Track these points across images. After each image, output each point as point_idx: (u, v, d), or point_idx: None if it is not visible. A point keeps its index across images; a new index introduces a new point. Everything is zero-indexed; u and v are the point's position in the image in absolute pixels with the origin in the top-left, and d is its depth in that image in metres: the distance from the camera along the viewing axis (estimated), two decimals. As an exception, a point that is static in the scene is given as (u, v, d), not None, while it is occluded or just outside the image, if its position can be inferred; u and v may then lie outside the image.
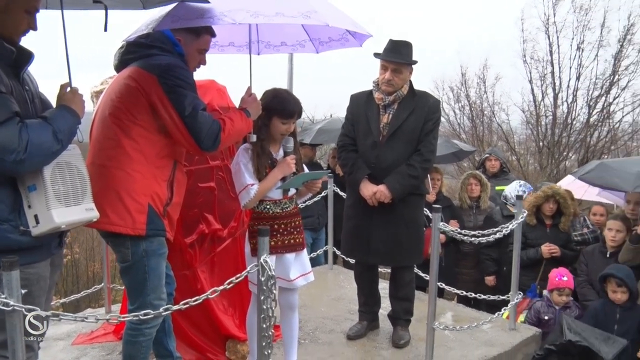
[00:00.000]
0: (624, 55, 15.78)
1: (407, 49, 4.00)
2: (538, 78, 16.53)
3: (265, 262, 2.74)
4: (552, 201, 5.66)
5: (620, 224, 5.26)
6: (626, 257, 5.05)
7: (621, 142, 16.56)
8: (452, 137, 15.92)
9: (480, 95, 17.91)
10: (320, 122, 8.54)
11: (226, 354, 3.97)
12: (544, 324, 5.02)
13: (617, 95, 16.07)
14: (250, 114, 3.27)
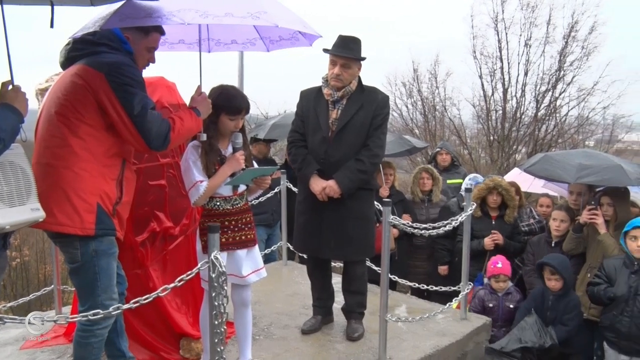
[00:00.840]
0: (569, 52, 16.28)
1: (355, 45, 4.04)
2: (488, 73, 16.90)
3: (215, 259, 2.75)
4: (495, 193, 5.81)
5: (565, 214, 5.44)
6: (569, 246, 5.23)
7: (568, 135, 17.04)
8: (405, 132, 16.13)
9: (432, 91, 18.19)
10: (274, 118, 8.55)
11: (180, 352, 3.95)
12: (489, 311, 5.17)
13: (563, 90, 16.58)
14: (201, 112, 3.27)
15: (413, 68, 18.24)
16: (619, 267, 4.63)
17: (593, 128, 17.77)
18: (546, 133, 16.68)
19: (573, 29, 16.15)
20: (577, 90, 16.62)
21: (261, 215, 6.85)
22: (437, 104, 18.09)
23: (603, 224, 5.07)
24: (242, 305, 3.60)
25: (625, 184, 5.18)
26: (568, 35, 16.19)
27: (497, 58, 16.69)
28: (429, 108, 18.10)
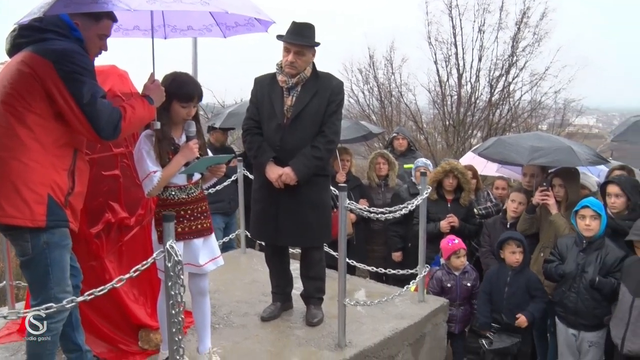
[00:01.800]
0: (521, 38, 16.53)
1: (309, 31, 4.03)
2: (443, 59, 17.00)
3: (171, 248, 2.73)
4: (451, 176, 5.89)
5: (523, 197, 5.55)
6: (523, 226, 5.35)
7: (521, 120, 17.35)
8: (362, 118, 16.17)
9: (388, 77, 18.22)
10: (230, 106, 8.48)
11: (139, 343, 3.91)
12: (447, 291, 5.26)
13: (515, 75, 16.81)
14: (153, 100, 3.21)
15: (369, 54, 18.28)
16: (570, 246, 4.77)
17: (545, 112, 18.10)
18: (500, 117, 16.94)
19: (525, 15, 16.39)
20: (530, 75, 16.90)
21: (218, 204, 6.82)
22: (393, 89, 18.13)
23: (554, 205, 5.20)
24: (199, 294, 3.59)
25: (575, 165, 5.32)
26: (520, 22, 16.42)
27: (452, 44, 16.83)
28: (385, 94, 18.15)
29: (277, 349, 4.00)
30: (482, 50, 16.66)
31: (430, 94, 17.51)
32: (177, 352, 2.93)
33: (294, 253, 4.85)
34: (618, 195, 4.91)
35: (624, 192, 4.89)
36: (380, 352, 4.14)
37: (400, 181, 6.82)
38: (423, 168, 6.31)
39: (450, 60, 16.90)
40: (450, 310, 5.14)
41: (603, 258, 4.58)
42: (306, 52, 4.02)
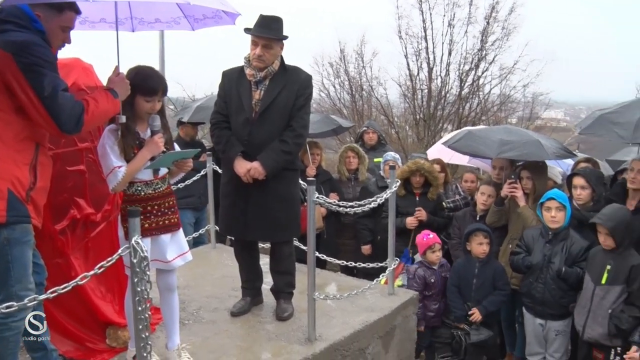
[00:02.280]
0: (490, 32, 16.73)
1: (277, 24, 4.00)
2: (413, 53, 17.14)
3: (136, 244, 2.69)
4: (418, 174, 5.92)
5: (492, 189, 5.62)
6: (492, 218, 5.42)
7: (491, 113, 17.57)
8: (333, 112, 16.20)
9: (359, 71, 18.29)
10: (199, 100, 8.40)
11: (107, 341, 3.86)
12: (431, 286, 5.30)
13: (485, 69, 17.07)
14: (118, 94, 3.16)
15: (340, 48, 18.29)
16: (536, 237, 4.85)
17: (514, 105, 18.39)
18: (470, 111, 17.15)
19: (494, 9, 16.62)
20: (499, 69, 17.17)
21: (188, 199, 6.77)
22: (364, 83, 18.23)
23: (522, 197, 5.27)
24: (167, 290, 3.55)
25: (544, 158, 5.39)
26: (489, 16, 16.64)
27: (422, 38, 16.97)
28: (356, 88, 18.22)
29: (247, 343, 3.98)
30: (452, 44, 16.85)
31: (400, 88, 17.65)
32: (144, 349, 2.89)
33: (264, 247, 4.83)
34: (583, 187, 5.00)
35: (589, 184, 4.98)
36: (351, 345, 4.15)
37: (370, 175, 6.84)
38: (392, 162, 6.33)
39: (421, 54, 17.05)
40: (435, 305, 5.18)
41: (568, 248, 4.67)
42: (274, 46, 3.98)
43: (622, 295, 4.25)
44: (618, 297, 4.26)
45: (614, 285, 4.28)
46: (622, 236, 4.29)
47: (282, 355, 3.81)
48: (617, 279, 4.27)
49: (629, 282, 4.22)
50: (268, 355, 3.84)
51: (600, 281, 4.35)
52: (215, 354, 3.81)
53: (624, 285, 4.24)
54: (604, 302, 4.32)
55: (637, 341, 4.11)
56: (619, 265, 4.28)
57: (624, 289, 4.24)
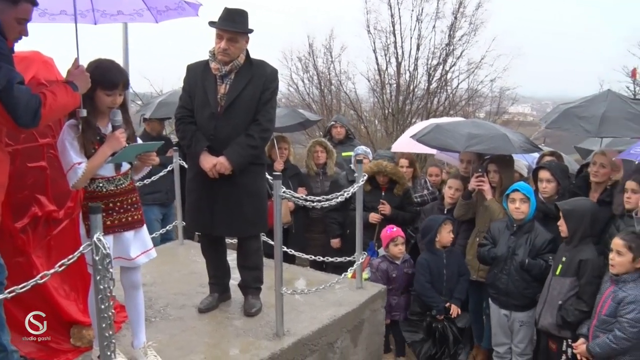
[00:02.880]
0: (458, 27, 16.91)
1: (242, 17, 3.95)
2: (382, 48, 17.23)
3: (98, 241, 2.64)
4: (381, 174, 5.94)
5: (459, 183, 5.66)
6: (459, 212, 5.46)
7: (459, 107, 17.75)
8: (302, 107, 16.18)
9: (327, 65, 18.32)
10: (161, 96, 8.29)
11: (71, 341, 3.79)
12: (392, 280, 5.33)
13: (453, 64, 17.27)
14: (78, 87, 3.09)
15: (308, 43, 18.27)
16: (502, 229, 4.91)
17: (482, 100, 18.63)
18: (438, 105, 17.30)
19: (461, 4, 16.80)
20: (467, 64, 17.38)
21: (155, 195, 6.70)
22: (332, 78, 18.26)
23: (489, 190, 5.32)
24: (132, 288, 3.50)
25: (510, 152, 5.45)
26: (457, 11, 16.81)
27: (390, 33, 17.08)
28: (325, 82, 18.24)
29: (214, 340, 3.95)
30: (420, 39, 16.99)
31: (369, 83, 17.72)
32: (107, 348, 2.85)
33: (232, 243, 4.80)
34: (549, 181, 5.07)
35: (554, 177, 5.05)
36: (319, 339, 4.15)
37: (338, 169, 6.84)
38: (362, 155, 6.34)
39: (389, 48, 17.15)
40: (394, 300, 5.19)
41: (532, 240, 4.73)
42: (239, 39, 3.94)
43: (573, 288, 4.31)
44: (569, 290, 4.33)
45: (566, 278, 4.36)
46: (575, 224, 4.36)
47: (250, 351, 3.79)
48: (569, 271, 4.34)
49: (579, 276, 4.29)
50: (236, 352, 3.81)
51: (555, 272, 4.44)
52: (183, 351, 3.77)
53: (575, 278, 4.31)
54: (556, 293, 4.40)
55: (585, 333, 4.18)
56: (572, 258, 4.35)
57: (574, 282, 4.31)
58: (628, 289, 3.91)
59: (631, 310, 3.85)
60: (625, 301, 3.89)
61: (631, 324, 3.84)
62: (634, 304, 3.85)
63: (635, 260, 3.91)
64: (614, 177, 5.01)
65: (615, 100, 5.82)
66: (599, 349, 3.98)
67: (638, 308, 3.84)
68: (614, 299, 3.97)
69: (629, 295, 3.88)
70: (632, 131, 5.58)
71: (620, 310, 3.90)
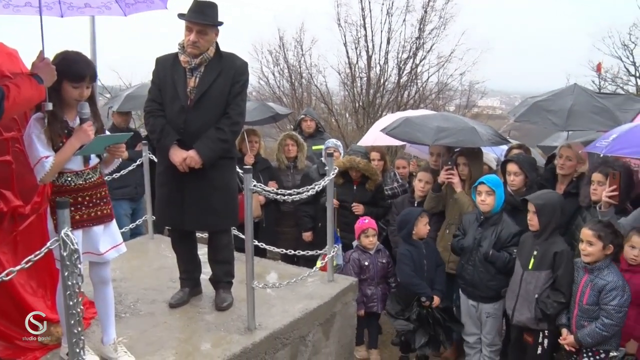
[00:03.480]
0: (428, 20, 16.99)
1: (211, 10, 3.92)
2: (352, 41, 17.24)
3: (66, 236, 2.60)
4: (354, 169, 5.96)
5: (429, 176, 5.71)
6: (430, 204, 5.51)
7: (429, 101, 17.87)
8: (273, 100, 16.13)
9: (298, 59, 18.26)
10: (129, 89, 8.19)
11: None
12: (365, 270, 5.34)
13: (423, 58, 17.35)
14: (43, 79, 3.03)
15: (279, 36, 18.20)
16: (472, 221, 4.97)
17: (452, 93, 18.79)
18: (409, 98, 17.38)
19: (431, -2, 16.85)
20: (437, 58, 17.48)
21: (124, 189, 6.64)
22: (303, 71, 18.22)
23: (459, 183, 5.38)
24: (101, 283, 3.46)
25: (478, 145, 5.51)
26: (427, 5, 16.89)
27: (361, 26, 17.09)
28: (296, 76, 18.19)
29: (185, 335, 3.93)
30: (391, 32, 17.04)
31: (340, 76, 17.71)
32: (76, 345, 2.81)
33: (203, 237, 4.77)
34: (517, 173, 5.13)
35: (522, 170, 5.11)
36: (291, 333, 4.16)
37: (309, 163, 6.84)
38: (333, 148, 6.35)
39: (360, 42, 17.18)
40: (370, 289, 5.21)
41: (498, 233, 4.79)
42: (209, 32, 3.91)
43: (548, 281, 4.38)
44: (544, 283, 4.39)
45: (540, 271, 4.41)
46: (547, 218, 4.42)
47: (222, 346, 3.78)
48: (542, 264, 4.40)
49: (554, 268, 4.36)
50: (207, 346, 3.80)
51: (527, 267, 4.48)
52: (153, 347, 3.74)
53: (550, 270, 4.38)
54: (531, 287, 4.45)
55: (566, 324, 4.26)
56: (544, 251, 4.41)
57: (549, 275, 4.38)
58: (605, 276, 4.00)
59: (614, 297, 3.94)
60: (607, 288, 3.97)
61: (617, 310, 3.93)
62: (615, 290, 3.95)
63: (605, 248, 4.00)
64: (579, 169, 5.10)
65: (581, 94, 5.93)
66: (589, 339, 4.05)
67: (620, 293, 3.94)
68: (593, 287, 4.05)
69: (609, 282, 3.97)
70: (598, 124, 5.69)
71: (604, 297, 3.98)
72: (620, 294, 3.93)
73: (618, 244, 4.05)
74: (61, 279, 2.76)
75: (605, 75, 17.57)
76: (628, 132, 4.36)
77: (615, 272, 4.02)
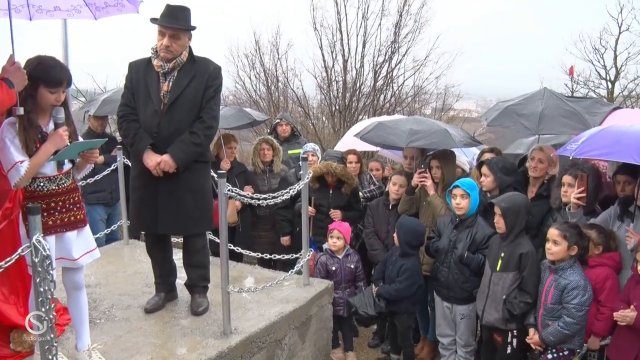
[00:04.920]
0: (403, 25, 17.09)
1: (184, 14, 3.93)
2: (328, 45, 17.26)
3: (38, 242, 2.59)
4: (330, 174, 5.98)
5: (403, 179, 5.73)
6: (404, 207, 5.55)
7: (405, 104, 17.97)
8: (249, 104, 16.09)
9: (274, 62, 18.22)
10: (105, 93, 8.12)
11: (11, 346, 3.68)
12: (332, 275, 5.31)
13: (398, 61, 17.41)
14: (14, 84, 3.01)
15: (255, 39, 18.15)
16: (447, 223, 5.01)
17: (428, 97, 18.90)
18: (385, 102, 17.46)
19: (406, 2, 16.97)
20: (412, 61, 17.57)
21: (99, 194, 6.59)
22: (279, 75, 18.18)
23: (432, 186, 5.42)
24: (74, 289, 3.45)
25: (451, 147, 5.55)
26: (402, 9, 16.98)
27: (337, 30, 17.11)
28: (272, 79, 18.14)
29: (161, 340, 3.92)
30: (366, 36, 17.08)
31: (316, 80, 17.71)
32: (49, 352, 2.79)
33: (179, 242, 4.76)
34: (486, 175, 5.19)
35: (492, 172, 5.17)
36: (267, 336, 4.17)
37: (285, 167, 6.85)
38: (310, 153, 6.36)
39: (336, 46, 17.18)
40: (337, 294, 5.24)
41: (473, 235, 4.84)
42: (181, 36, 3.92)
43: (515, 282, 4.44)
44: (512, 284, 4.44)
45: (507, 272, 4.46)
46: (513, 220, 4.47)
47: (198, 350, 3.78)
48: (509, 266, 4.46)
49: (520, 269, 4.42)
50: (183, 351, 3.80)
51: (495, 268, 4.54)
52: (128, 352, 3.74)
53: (516, 272, 4.44)
54: (499, 288, 4.50)
55: (533, 323, 4.33)
56: (511, 253, 4.47)
57: (516, 276, 4.44)
58: (568, 276, 4.07)
59: (575, 296, 4.00)
60: (568, 287, 4.03)
61: (578, 308, 4.00)
62: (576, 289, 4.01)
63: (570, 248, 4.07)
64: (550, 172, 5.17)
65: (551, 97, 6.00)
66: (552, 337, 4.11)
67: (581, 292, 4.00)
68: (556, 287, 4.11)
69: (571, 282, 4.03)
70: (568, 128, 5.77)
71: (565, 296, 4.05)
72: (582, 293, 4.00)
73: (583, 246, 4.12)
74: (33, 286, 2.75)
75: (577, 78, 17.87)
76: (596, 135, 4.42)
77: (578, 272, 4.09)
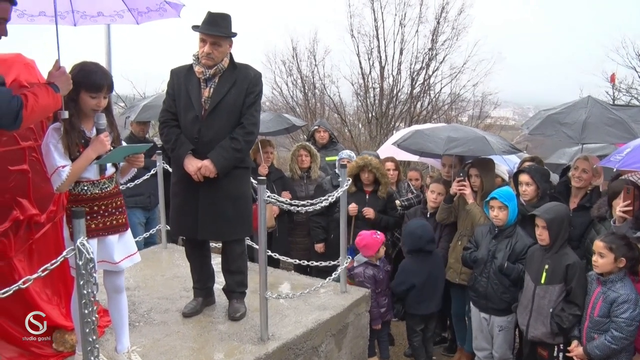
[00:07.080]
0: (441, 32, 17.01)
1: (225, 22, 3.96)
2: (365, 52, 17.27)
3: (82, 245, 2.63)
4: (366, 171, 5.94)
5: (442, 187, 5.68)
6: (442, 216, 5.49)
7: (442, 112, 17.86)
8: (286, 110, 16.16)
9: (311, 69, 18.31)
10: (146, 98, 8.25)
11: (53, 345, 3.75)
12: (380, 282, 5.29)
13: (436, 69, 17.35)
14: (60, 88, 3.07)
15: (292, 46, 18.26)
16: (485, 233, 4.94)
17: (465, 104, 18.75)
18: (421, 109, 17.38)
19: (444, 9, 16.90)
20: (450, 69, 17.47)
21: (138, 197, 6.67)
22: (316, 81, 18.26)
23: (471, 194, 5.35)
24: (115, 292, 3.49)
25: (489, 154, 5.49)
26: (439, 16, 16.91)
27: (374, 37, 17.14)
28: (309, 86, 18.23)
29: (199, 344, 3.94)
30: (404, 43, 17.06)
31: (353, 86, 17.74)
32: (91, 353, 2.83)
33: (217, 247, 4.79)
34: (528, 184, 5.10)
35: (533, 181, 5.08)
36: (304, 343, 4.15)
37: (322, 173, 6.85)
38: (346, 160, 6.35)
39: (373, 52, 17.22)
40: (384, 299, 5.20)
41: (513, 245, 4.76)
42: (222, 43, 3.95)
43: (561, 294, 4.33)
44: (558, 296, 4.34)
45: (553, 285, 4.36)
46: (557, 231, 4.38)
47: (235, 355, 3.79)
48: (555, 278, 4.36)
49: (567, 281, 4.31)
50: (220, 356, 3.81)
51: (539, 281, 4.43)
52: (167, 356, 3.76)
53: (563, 284, 4.33)
54: (545, 301, 4.40)
55: (578, 336, 4.22)
56: (556, 265, 4.37)
57: (562, 288, 4.33)
58: (618, 289, 3.96)
59: (626, 310, 3.89)
60: (618, 301, 3.93)
61: (627, 323, 3.89)
62: (627, 303, 3.90)
63: (617, 260, 3.96)
64: (594, 182, 5.06)
65: (595, 106, 5.88)
66: (598, 352, 4.00)
67: (631, 306, 3.89)
68: (605, 299, 4.01)
69: (621, 295, 3.92)
70: (612, 137, 5.65)
71: (615, 310, 3.94)
72: (632, 307, 3.89)
73: (633, 257, 4.00)
74: (76, 288, 2.79)
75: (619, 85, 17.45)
76: (642, 146, 4.31)
77: (629, 285, 3.97)
